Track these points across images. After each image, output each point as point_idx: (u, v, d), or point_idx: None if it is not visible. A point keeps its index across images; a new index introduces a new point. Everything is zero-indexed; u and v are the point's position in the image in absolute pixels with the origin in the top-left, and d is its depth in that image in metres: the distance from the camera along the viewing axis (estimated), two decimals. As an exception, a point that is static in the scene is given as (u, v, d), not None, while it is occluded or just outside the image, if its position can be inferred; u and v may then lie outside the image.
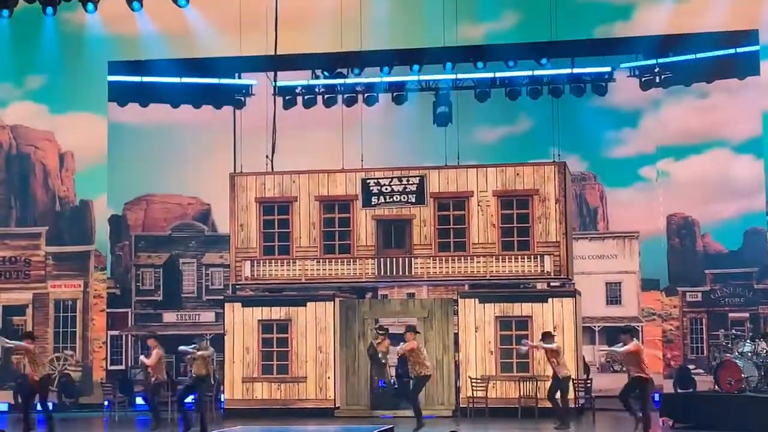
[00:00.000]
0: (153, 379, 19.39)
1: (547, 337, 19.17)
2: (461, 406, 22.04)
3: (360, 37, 25.18)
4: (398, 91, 26.33)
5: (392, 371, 20.59)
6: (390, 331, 21.21)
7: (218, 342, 23.39)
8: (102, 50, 26.68)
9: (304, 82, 26.35)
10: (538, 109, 26.27)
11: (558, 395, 18.90)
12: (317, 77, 26.47)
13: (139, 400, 20.67)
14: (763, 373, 18.95)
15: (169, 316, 28.58)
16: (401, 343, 18.64)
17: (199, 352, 17.97)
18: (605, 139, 27.74)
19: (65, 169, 28.16)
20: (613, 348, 17.97)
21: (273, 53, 24.70)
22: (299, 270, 23.00)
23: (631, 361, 16.97)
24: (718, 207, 27.14)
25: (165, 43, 26.52)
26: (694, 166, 27.18)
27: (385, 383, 21.62)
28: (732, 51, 25.02)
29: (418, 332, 19.53)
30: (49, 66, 27.24)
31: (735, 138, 26.67)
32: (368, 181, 22.95)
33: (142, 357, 19.72)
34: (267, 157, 24.64)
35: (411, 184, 22.80)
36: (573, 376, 21.40)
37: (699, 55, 25.16)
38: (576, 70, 25.64)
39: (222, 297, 24.70)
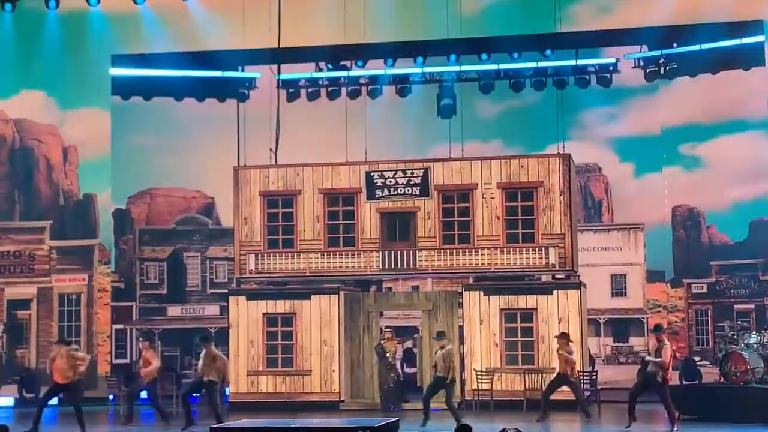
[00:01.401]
0: (146, 381, 19.40)
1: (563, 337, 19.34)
2: (466, 398, 21.99)
3: (363, 30, 25.12)
4: (402, 84, 26.28)
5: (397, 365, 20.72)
6: (394, 326, 21.30)
7: (223, 336, 23.36)
8: (105, 43, 26.65)
9: (308, 75, 26.30)
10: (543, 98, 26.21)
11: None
12: (321, 70, 26.42)
13: (143, 395, 20.71)
14: (768, 365, 18.92)
15: (173, 310, 28.57)
16: (439, 349, 18.59)
17: None
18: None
19: (69, 163, 28.13)
20: (650, 358, 17.05)
21: (276, 46, 24.65)
22: (303, 263, 22.97)
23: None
24: (725, 197, 27.08)
25: (168, 36, 26.48)
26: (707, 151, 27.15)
27: (393, 384, 21.74)
28: (737, 42, 24.92)
29: (443, 338, 19.46)
30: (52, 59, 27.17)
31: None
32: (372, 173, 22.90)
33: (141, 369, 19.61)
34: (271, 150, 24.58)
35: (415, 177, 22.75)
36: (578, 369, 21.40)
37: (704, 46, 25.07)
38: (581, 62, 25.57)
39: (226, 290, 24.66)
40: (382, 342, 22.08)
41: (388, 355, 21.88)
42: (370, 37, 25.50)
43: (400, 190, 22.81)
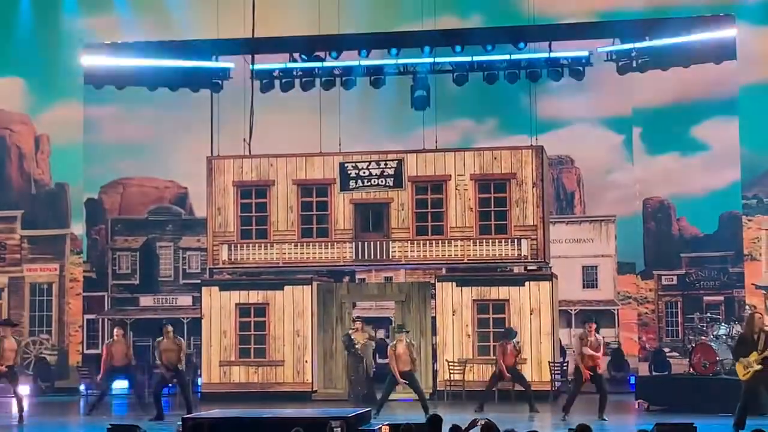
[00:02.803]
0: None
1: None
2: (438, 389, 22.11)
3: (338, 21, 25.10)
4: (376, 75, 26.23)
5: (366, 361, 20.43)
6: (367, 317, 21.24)
7: (195, 326, 23.33)
8: (77, 32, 26.50)
9: (282, 66, 26.21)
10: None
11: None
12: (295, 61, 26.34)
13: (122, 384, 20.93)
14: (737, 356, 19.08)
15: (145, 300, 28.49)
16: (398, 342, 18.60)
17: None
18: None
19: (41, 152, 27.98)
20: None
21: (250, 36, 24.58)
22: (277, 254, 22.98)
23: None
24: (693, 190, 27.30)
25: (142, 25, 26.36)
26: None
27: (359, 382, 21.16)
28: (709, 35, 25.08)
29: (406, 331, 19.53)
30: (24, 48, 27.02)
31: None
32: (346, 164, 22.93)
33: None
34: (244, 140, 24.53)
35: (389, 168, 22.81)
36: (549, 359, 21.55)
37: (676, 40, 25.21)
38: (553, 54, 25.65)
39: (199, 281, 24.65)
40: (350, 332, 21.68)
41: (357, 346, 21.36)
42: (344, 28, 25.48)
43: (374, 181, 22.86)
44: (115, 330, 20.30)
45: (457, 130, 27.71)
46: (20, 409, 18.05)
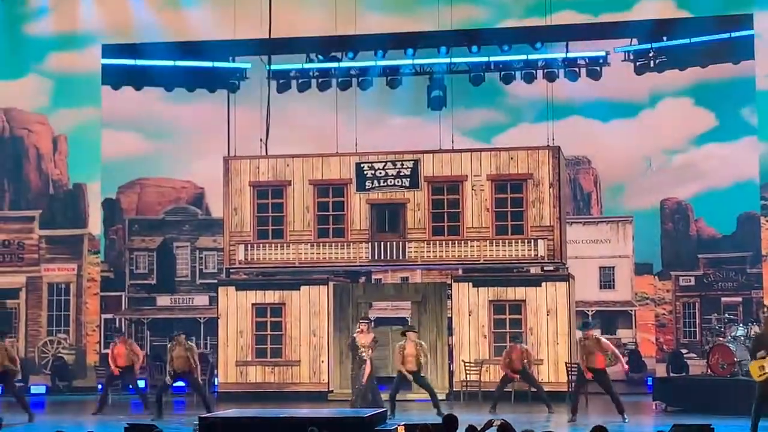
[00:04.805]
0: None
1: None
2: (454, 389, 22.08)
3: (355, 21, 25.12)
4: (393, 75, 26.27)
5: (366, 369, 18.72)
6: (382, 317, 21.05)
7: (212, 326, 23.38)
8: (96, 33, 26.60)
9: (299, 66, 26.26)
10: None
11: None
12: (311, 61, 26.39)
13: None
14: (755, 357, 18.98)
15: (162, 300, 28.57)
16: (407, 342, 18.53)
17: None
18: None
19: (58, 153, 28.08)
20: None
21: (267, 37, 24.63)
22: (293, 254, 23.00)
23: None
24: (713, 191, 27.18)
25: (159, 26, 26.44)
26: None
27: (364, 387, 18.85)
28: (727, 35, 24.99)
29: (415, 331, 19.42)
30: (43, 48, 27.15)
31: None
32: (362, 165, 22.93)
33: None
34: (261, 140, 24.59)
35: (405, 168, 22.80)
36: (566, 360, 21.49)
37: (693, 40, 25.13)
38: (570, 54, 25.61)
39: (216, 281, 24.69)
40: (354, 335, 19.50)
41: (361, 350, 18.96)
42: (360, 28, 25.50)
43: (390, 182, 22.85)
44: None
45: (474, 131, 27.62)
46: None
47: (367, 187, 22.86)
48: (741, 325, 20.36)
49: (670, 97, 26.86)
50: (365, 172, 22.85)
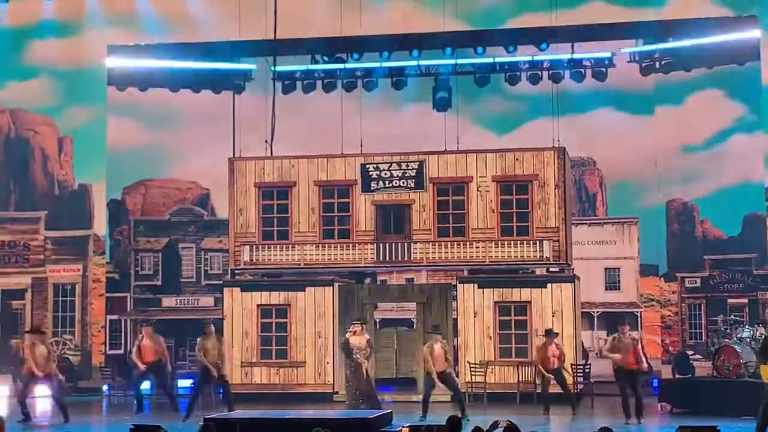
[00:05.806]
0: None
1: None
2: (460, 391, 22.02)
3: (360, 22, 25.11)
4: (398, 76, 26.24)
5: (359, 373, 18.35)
6: (387, 318, 21.02)
7: (217, 327, 23.35)
8: (101, 34, 26.63)
9: (304, 67, 26.25)
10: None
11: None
12: (317, 62, 26.38)
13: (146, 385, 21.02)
14: (761, 359, 18.95)
15: (168, 301, 28.59)
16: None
17: None
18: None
19: (64, 154, 28.13)
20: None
21: (272, 38, 24.63)
22: (298, 255, 23.00)
23: None
24: (718, 192, 27.13)
25: (164, 27, 26.46)
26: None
27: (357, 390, 18.42)
28: (732, 37, 24.95)
29: (439, 332, 19.18)
30: (48, 49, 27.19)
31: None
32: (367, 166, 22.93)
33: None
34: (266, 141, 24.59)
35: (410, 170, 22.79)
36: (572, 362, 21.47)
37: (699, 41, 25.09)
38: (576, 55, 25.59)
39: (221, 282, 24.71)
40: (347, 337, 18.84)
41: (355, 353, 18.40)
42: (366, 29, 25.50)
43: (395, 183, 22.85)
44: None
45: (479, 132, 27.61)
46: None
47: (372, 188, 22.86)
48: (747, 326, 20.32)
49: (676, 98, 26.82)
50: (370, 173, 22.85)
